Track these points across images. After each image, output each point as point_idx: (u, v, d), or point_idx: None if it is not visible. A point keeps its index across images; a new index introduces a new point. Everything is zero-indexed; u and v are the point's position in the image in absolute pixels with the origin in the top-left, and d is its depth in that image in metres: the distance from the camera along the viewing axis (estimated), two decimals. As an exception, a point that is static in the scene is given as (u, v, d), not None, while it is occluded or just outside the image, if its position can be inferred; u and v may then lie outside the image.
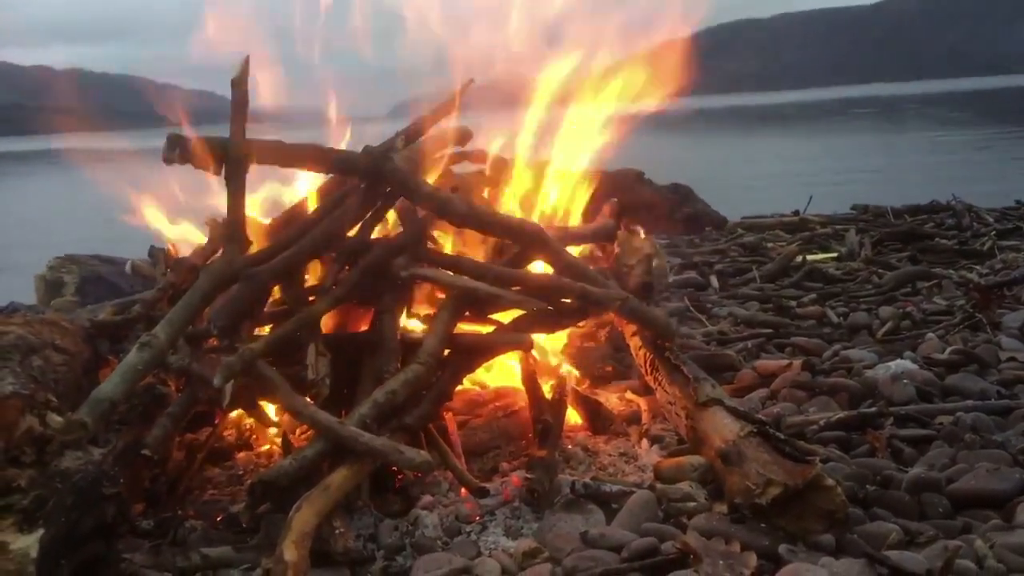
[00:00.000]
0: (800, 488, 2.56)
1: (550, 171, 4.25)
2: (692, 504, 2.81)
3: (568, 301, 3.43)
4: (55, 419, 2.49)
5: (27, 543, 2.26)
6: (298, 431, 3.39)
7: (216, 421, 3.35)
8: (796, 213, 8.78)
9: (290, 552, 2.40)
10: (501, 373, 3.82)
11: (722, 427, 2.89)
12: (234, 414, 3.44)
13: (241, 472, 3.31)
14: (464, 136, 4.30)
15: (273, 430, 3.38)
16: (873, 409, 3.52)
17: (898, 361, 3.98)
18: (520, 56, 4.32)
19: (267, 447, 3.47)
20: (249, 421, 3.51)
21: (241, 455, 3.43)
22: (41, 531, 2.29)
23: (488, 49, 4.33)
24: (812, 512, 2.56)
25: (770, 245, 7.55)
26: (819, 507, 2.56)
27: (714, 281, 6.28)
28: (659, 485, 2.92)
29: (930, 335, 4.54)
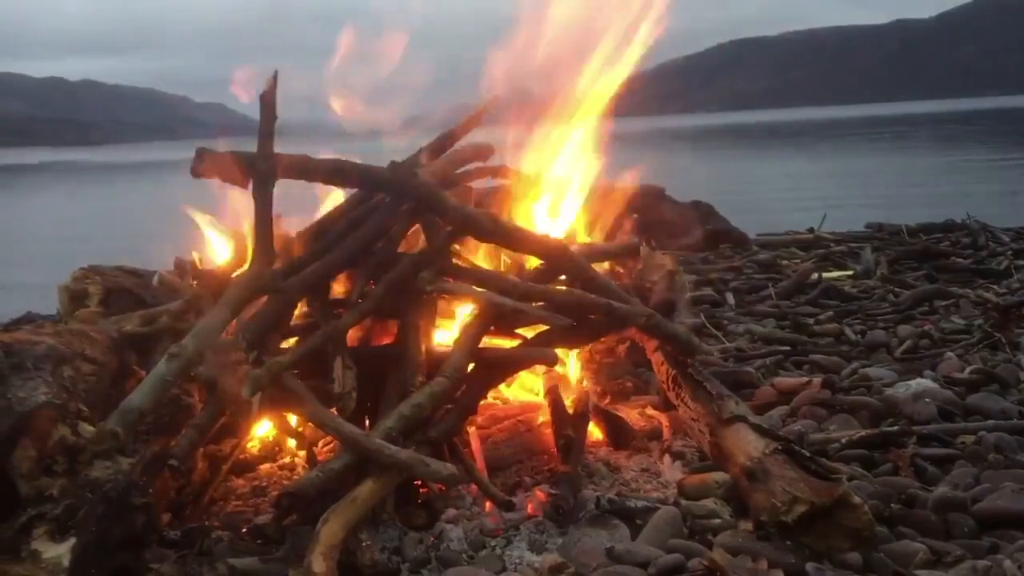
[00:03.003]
0: (826, 506, 2.56)
1: (571, 186, 4.27)
2: (717, 521, 2.81)
3: (592, 316, 3.44)
4: (87, 429, 2.52)
5: (59, 552, 2.28)
6: (321, 443, 3.41)
7: (241, 433, 3.36)
8: (811, 231, 8.78)
9: (318, 564, 2.42)
10: (518, 387, 3.83)
11: (747, 444, 2.89)
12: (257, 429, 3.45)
13: (264, 484, 3.32)
14: (486, 151, 4.32)
15: (293, 442, 3.40)
16: (895, 427, 3.52)
17: (918, 380, 3.97)
18: (534, 71, 4.33)
19: (289, 459, 3.49)
20: (272, 433, 3.52)
21: (264, 467, 3.45)
22: (73, 540, 2.31)
23: (505, 63, 4.34)
24: (838, 530, 2.56)
25: (785, 262, 7.55)
26: (845, 525, 2.56)
27: (730, 298, 6.28)
28: (684, 501, 2.92)
29: (949, 354, 4.54)
